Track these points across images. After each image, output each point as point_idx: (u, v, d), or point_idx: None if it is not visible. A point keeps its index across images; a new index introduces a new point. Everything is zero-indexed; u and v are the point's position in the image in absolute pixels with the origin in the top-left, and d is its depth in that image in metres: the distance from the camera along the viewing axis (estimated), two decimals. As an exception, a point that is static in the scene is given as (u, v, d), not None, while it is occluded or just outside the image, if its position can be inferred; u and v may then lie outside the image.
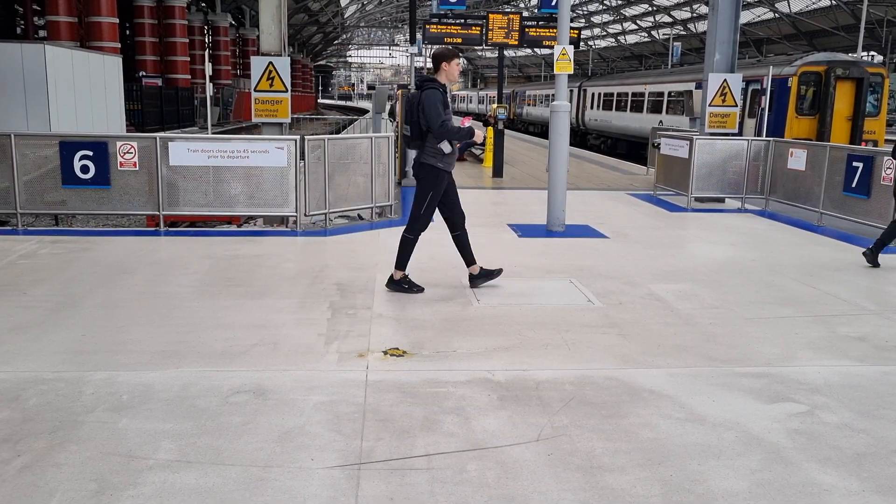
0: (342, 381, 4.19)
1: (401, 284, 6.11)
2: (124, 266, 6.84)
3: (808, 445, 3.53)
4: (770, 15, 51.93)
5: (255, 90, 9.54)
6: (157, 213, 8.67)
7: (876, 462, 3.38)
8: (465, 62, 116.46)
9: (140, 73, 36.38)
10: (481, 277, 6.34)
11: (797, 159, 10.64)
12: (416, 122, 5.89)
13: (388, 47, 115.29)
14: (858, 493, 3.12)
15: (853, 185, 9.30)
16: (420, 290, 6.12)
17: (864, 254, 7.50)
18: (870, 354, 4.87)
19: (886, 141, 21.24)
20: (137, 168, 8.56)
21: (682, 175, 11.68)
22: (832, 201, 9.78)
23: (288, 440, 3.46)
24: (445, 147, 5.89)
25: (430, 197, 6.00)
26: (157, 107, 32.10)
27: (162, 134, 8.96)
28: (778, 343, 5.07)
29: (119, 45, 30.01)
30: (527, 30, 15.53)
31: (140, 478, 3.10)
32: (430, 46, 18.30)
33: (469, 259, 6.31)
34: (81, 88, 19.76)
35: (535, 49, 68.33)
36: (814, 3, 47.75)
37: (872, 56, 46.96)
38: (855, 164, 9.29)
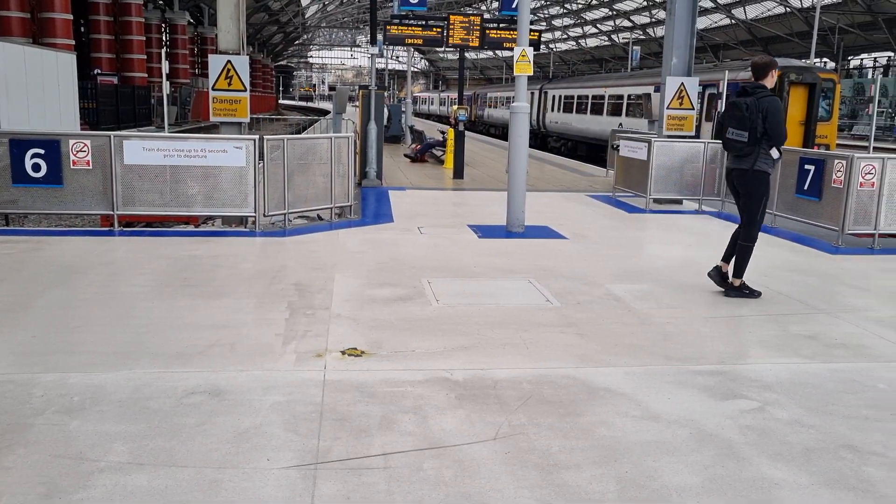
0: (300, 381, 4.15)
1: (741, 291, 6.30)
2: (77, 266, 6.71)
3: (759, 441, 3.60)
4: (727, 21, 52.90)
5: (213, 89, 9.43)
6: (112, 212, 8.50)
7: (824, 456, 3.46)
8: (427, 63, 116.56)
9: (95, 71, 35.69)
10: (719, 277, 6.46)
11: (751, 162, 10.82)
12: (755, 128, 5.95)
13: (349, 48, 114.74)
14: (807, 486, 3.19)
15: (805, 187, 9.51)
16: (758, 294, 6.29)
17: None
18: (819, 352, 4.98)
19: (838, 145, 21.76)
20: (91, 167, 8.39)
21: (640, 177, 11.83)
22: (785, 203, 9.98)
23: (244, 441, 3.42)
24: (775, 153, 6.10)
25: (764, 202, 6.26)
26: (112, 105, 31.50)
27: (116, 132, 8.79)
28: (732, 342, 5.16)
29: (73, 43, 29.44)
30: (487, 32, 15.61)
31: (90, 480, 3.04)
32: (391, 47, 18.27)
33: (729, 257, 6.47)
34: (34, 86, 19.31)
35: (497, 51, 68.65)
36: (769, 10, 48.77)
37: (825, 62, 48.10)
38: (807, 167, 9.50)
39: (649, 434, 3.64)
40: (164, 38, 49.38)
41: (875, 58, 49.05)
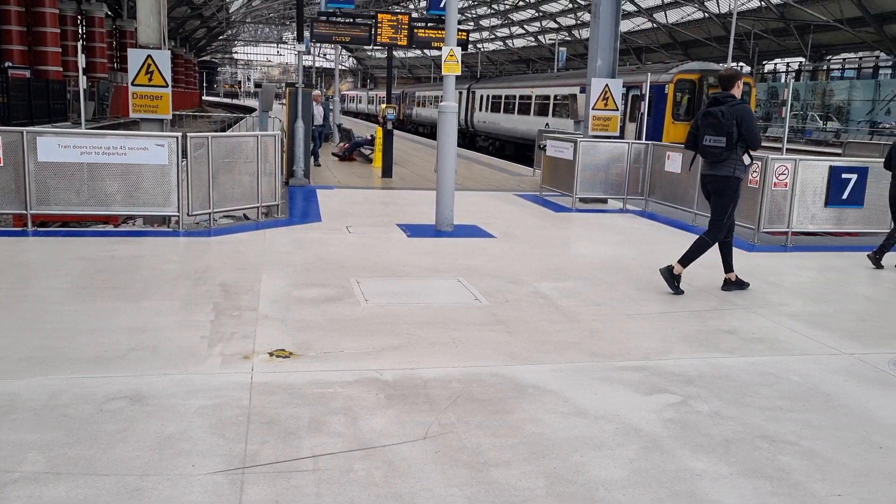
0: (226, 384, 4.07)
1: (673, 281, 6.52)
2: (-13, 268, 6.41)
3: (681, 434, 3.71)
4: (648, 25, 54.24)
5: (132, 84, 9.14)
6: (25, 212, 8.15)
7: (742, 447, 3.59)
8: (355, 62, 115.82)
9: (6, 64, 34.11)
10: (734, 285, 6.68)
11: (674, 162, 11.15)
12: (731, 133, 6.21)
13: (275, 45, 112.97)
14: (727, 476, 3.30)
15: (723, 187, 9.82)
16: (682, 291, 6.51)
17: (868, 256, 8.07)
18: (738, 346, 5.16)
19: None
20: (2, 164, 8.02)
21: (566, 176, 12.03)
22: (705, 202, 10.27)
23: (167, 447, 3.33)
24: (747, 159, 6.39)
25: (731, 206, 6.55)
26: (25, 100, 30.15)
27: (29, 128, 8.43)
28: (655, 338, 5.29)
29: (-18, 34, 28.07)
30: (416, 31, 15.60)
31: (3, 492, 2.90)
32: (318, 45, 18.07)
33: (728, 266, 6.72)
34: (-61, 78, 18.35)
35: (425, 50, 68.73)
36: (688, 15, 50.22)
37: (741, 66, 49.84)
38: (725, 167, 9.82)
39: (577, 430, 3.70)
40: (80, 31, 47.56)
41: (788, 62, 51.09)
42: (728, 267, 6.74)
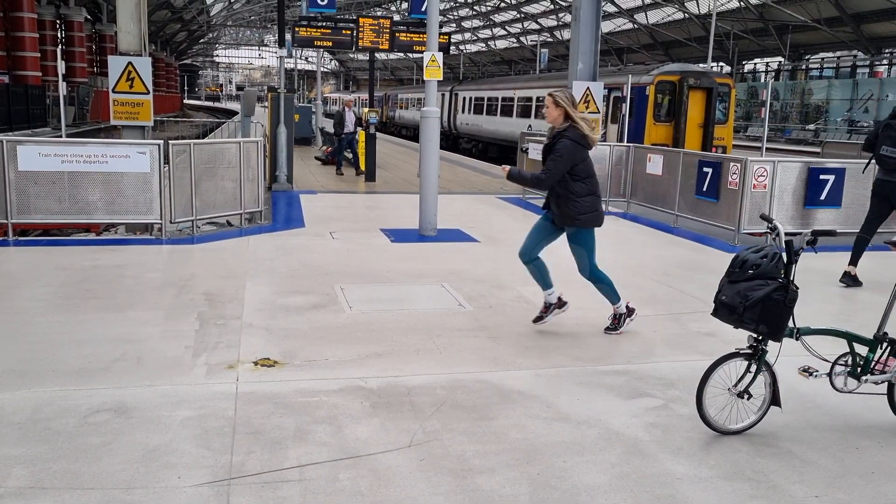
0: (211, 395, 4.08)
1: None
2: (-32, 279, 6.37)
3: (663, 438, 3.76)
4: (629, 26, 54.56)
5: (113, 91, 9.10)
6: (5, 221, 8.10)
7: (722, 450, 3.65)
8: (337, 64, 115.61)
9: (-16, 70, 33.79)
10: (850, 279, 7.13)
11: (655, 164, 11.25)
12: None
13: (257, 48, 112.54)
14: (707, 479, 3.36)
15: (704, 188, 9.93)
16: None
17: None
18: (718, 348, 5.20)
19: (734, 146, 22.78)
20: (-18, 173, 7.97)
21: (548, 179, 12.05)
22: (686, 204, 10.40)
23: (153, 459, 3.34)
24: None
25: None
26: (4, 106, 29.91)
27: (9, 136, 8.38)
28: (637, 341, 5.35)
29: (-41, 39, 27.78)
30: (397, 34, 15.64)
31: (-12, 508, 2.91)
32: (300, 49, 17.99)
33: (855, 260, 7.19)
34: (-84, 85, 18.16)
35: (407, 53, 68.79)
36: (669, 16, 50.57)
37: (721, 66, 50.22)
38: (705, 169, 9.93)
39: (560, 435, 3.74)
40: (59, 36, 47.17)
41: (767, 62, 51.55)
42: (854, 261, 7.15)
